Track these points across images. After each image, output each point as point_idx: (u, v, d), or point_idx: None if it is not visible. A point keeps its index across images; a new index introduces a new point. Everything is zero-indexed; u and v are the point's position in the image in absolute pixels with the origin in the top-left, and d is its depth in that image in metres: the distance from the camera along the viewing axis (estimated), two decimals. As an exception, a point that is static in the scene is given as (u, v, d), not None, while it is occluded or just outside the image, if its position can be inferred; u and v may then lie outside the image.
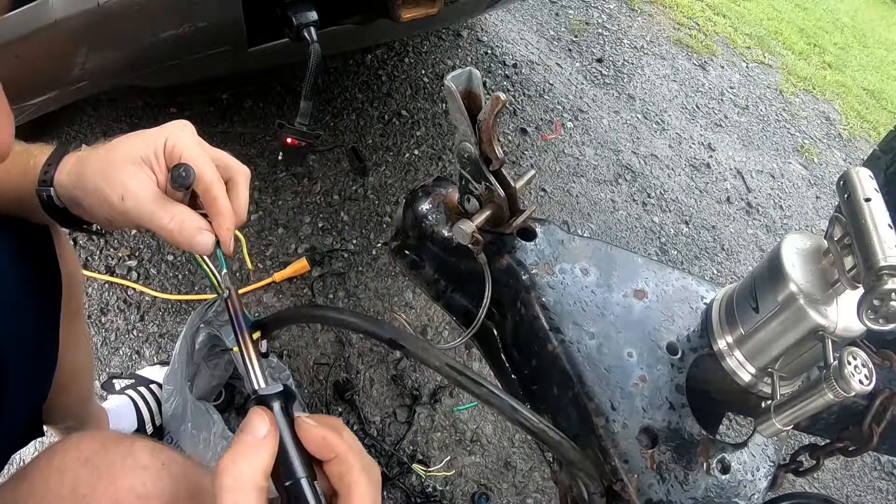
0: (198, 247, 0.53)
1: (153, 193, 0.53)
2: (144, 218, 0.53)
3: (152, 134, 0.55)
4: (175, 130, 0.56)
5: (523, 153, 2.15)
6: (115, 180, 0.53)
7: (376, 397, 1.44)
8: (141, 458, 0.56)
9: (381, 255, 1.68)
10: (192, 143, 0.56)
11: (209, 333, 1.19)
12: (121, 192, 0.52)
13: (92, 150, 0.57)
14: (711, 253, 2.16)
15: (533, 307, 0.79)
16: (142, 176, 0.53)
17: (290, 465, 0.44)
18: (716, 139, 2.65)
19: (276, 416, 0.46)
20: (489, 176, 0.75)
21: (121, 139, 0.56)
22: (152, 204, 0.52)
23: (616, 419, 0.73)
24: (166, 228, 0.53)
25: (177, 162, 0.54)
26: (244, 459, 0.42)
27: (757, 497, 0.76)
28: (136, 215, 0.53)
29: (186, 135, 0.56)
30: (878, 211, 0.65)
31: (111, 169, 0.53)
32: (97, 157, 0.55)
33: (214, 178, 0.55)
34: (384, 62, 2.18)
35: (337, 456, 0.45)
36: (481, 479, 1.40)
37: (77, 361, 0.90)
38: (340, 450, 0.45)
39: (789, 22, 4.09)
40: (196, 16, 1.00)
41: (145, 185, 0.53)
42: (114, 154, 0.54)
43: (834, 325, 0.68)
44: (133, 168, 0.53)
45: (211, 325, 1.18)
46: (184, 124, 0.57)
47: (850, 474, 1.75)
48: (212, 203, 0.55)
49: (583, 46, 2.74)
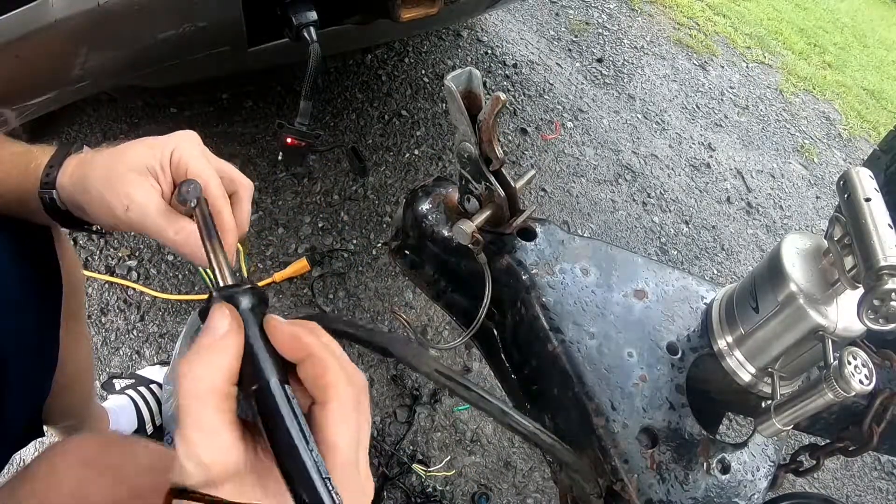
0: (202, 260, 0.54)
1: (158, 205, 0.53)
2: (149, 229, 0.53)
3: (159, 144, 0.55)
4: (182, 141, 0.56)
5: (523, 153, 2.15)
6: (121, 190, 0.53)
7: (376, 397, 1.44)
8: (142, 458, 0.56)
9: (381, 255, 1.68)
10: (199, 155, 0.56)
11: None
12: (126, 202, 0.52)
13: (95, 153, 0.57)
14: (711, 253, 2.16)
15: (533, 307, 0.79)
16: (147, 187, 0.53)
17: (257, 368, 0.38)
18: (716, 139, 2.65)
19: (242, 315, 0.40)
20: (489, 176, 0.75)
21: (126, 146, 0.56)
22: (157, 216, 0.53)
23: (616, 419, 0.73)
24: (171, 240, 0.53)
25: (182, 173, 0.54)
26: (202, 360, 0.37)
27: (757, 497, 0.76)
28: (140, 226, 0.53)
29: (193, 146, 0.56)
30: (878, 211, 0.65)
31: (116, 178, 0.53)
32: (101, 164, 0.55)
33: (220, 194, 0.55)
34: (384, 62, 2.18)
35: (310, 355, 0.39)
36: (481, 479, 1.40)
37: (77, 361, 0.90)
38: (314, 347, 0.39)
39: (789, 22, 4.09)
40: (196, 16, 1.00)
41: (150, 197, 0.53)
42: (119, 162, 0.54)
43: (834, 325, 0.68)
44: (138, 178, 0.53)
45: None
46: (190, 135, 0.57)
47: (850, 474, 1.75)
48: (216, 217, 0.55)
49: (583, 46, 2.74)
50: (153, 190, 0.53)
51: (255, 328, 0.40)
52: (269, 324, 0.40)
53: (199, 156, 0.56)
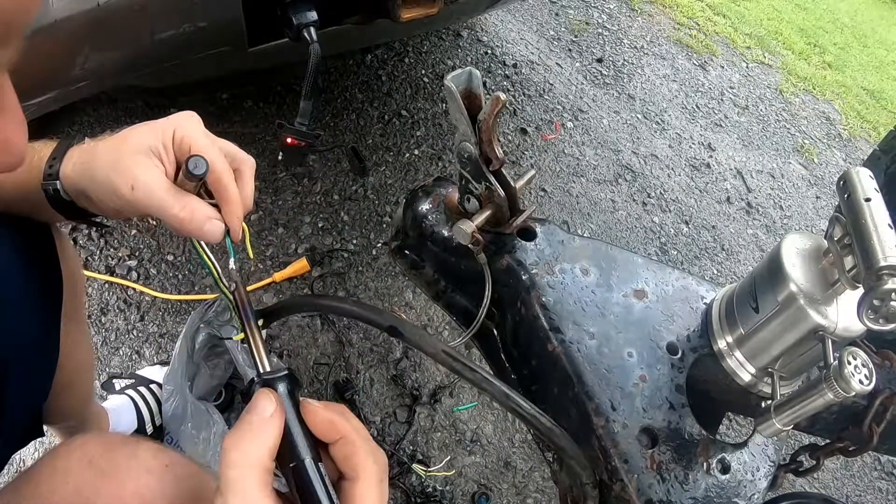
0: (208, 235, 0.54)
1: (163, 183, 0.53)
2: (154, 207, 0.53)
3: (161, 125, 0.56)
4: (183, 121, 0.56)
5: (523, 153, 2.15)
6: (126, 171, 0.53)
7: (376, 397, 1.44)
8: (145, 460, 0.56)
9: (381, 255, 1.68)
10: (201, 133, 0.56)
11: (209, 333, 1.19)
12: (131, 182, 0.53)
13: (99, 141, 0.58)
14: (711, 253, 2.16)
15: (533, 307, 0.79)
16: (151, 166, 0.54)
17: (294, 447, 0.43)
18: (716, 139, 2.65)
19: (282, 398, 0.45)
20: (489, 176, 0.75)
21: (129, 130, 0.56)
22: (163, 193, 0.53)
23: (616, 419, 0.73)
24: (177, 217, 0.53)
25: (186, 152, 0.55)
26: (250, 438, 0.42)
27: (757, 497, 0.76)
28: (146, 205, 0.53)
29: (194, 125, 0.57)
30: (878, 211, 0.65)
31: (121, 160, 0.54)
32: (107, 149, 0.56)
33: (224, 168, 0.56)
34: (384, 62, 2.18)
35: (343, 437, 0.44)
36: (481, 479, 1.40)
37: (78, 361, 0.90)
38: (346, 431, 0.44)
39: (789, 22, 4.09)
40: (196, 16, 1.00)
41: (155, 175, 0.53)
42: (124, 145, 0.55)
43: (834, 325, 0.68)
44: (143, 158, 0.54)
45: (211, 325, 1.18)
46: (191, 115, 0.58)
47: (850, 474, 1.75)
48: (222, 191, 0.55)
49: (583, 46, 2.74)
50: (157, 169, 0.54)
51: (293, 411, 0.45)
52: (307, 408, 0.46)
53: (202, 135, 0.56)
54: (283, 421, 0.44)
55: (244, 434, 0.42)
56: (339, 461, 0.45)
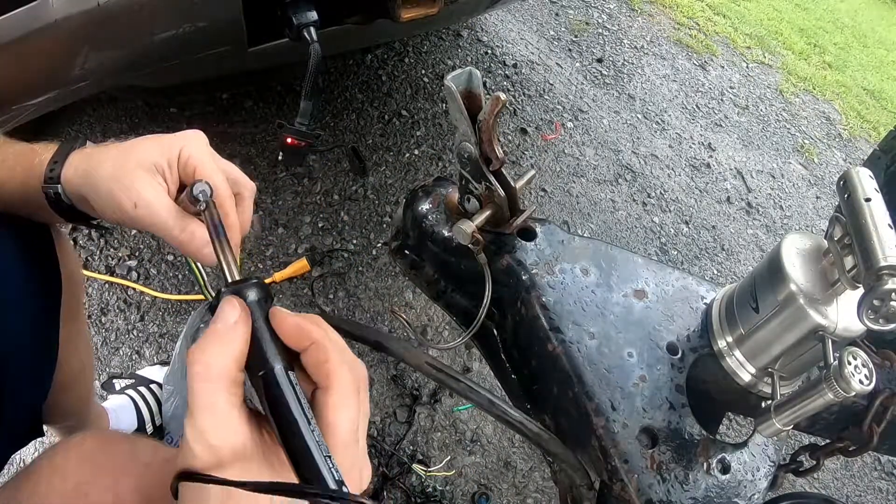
0: (206, 259, 0.54)
1: (165, 204, 0.54)
2: (156, 227, 0.53)
3: (167, 141, 0.56)
4: (191, 141, 0.56)
5: (523, 153, 2.15)
6: (129, 187, 0.53)
7: (376, 397, 1.44)
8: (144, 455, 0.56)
9: (381, 255, 1.68)
10: (207, 156, 0.56)
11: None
12: (135, 199, 0.53)
13: (102, 148, 0.57)
14: (711, 253, 2.16)
15: (533, 307, 0.79)
16: (155, 185, 0.54)
17: (263, 354, 0.41)
18: (716, 139, 2.65)
19: (250, 307, 0.42)
20: (489, 176, 0.75)
21: (135, 142, 0.56)
22: (165, 214, 0.53)
23: (616, 419, 0.73)
24: (177, 239, 0.54)
25: (190, 173, 0.55)
26: (213, 348, 0.39)
27: (757, 497, 0.76)
28: (147, 223, 0.53)
29: (202, 146, 0.56)
30: (878, 211, 0.65)
31: (125, 174, 0.54)
32: (110, 160, 0.55)
33: (227, 195, 0.56)
34: (384, 62, 2.18)
35: (314, 343, 0.42)
36: (481, 479, 1.40)
37: (77, 361, 0.90)
38: (317, 336, 0.42)
39: (789, 22, 4.09)
40: (196, 16, 1.00)
41: (158, 195, 0.53)
42: (128, 159, 0.54)
43: (834, 325, 0.68)
44: (146, 175, 0.54)
45: (211, 325, 1.18)
46: (198, 135, 0.58)
47: (850, 474, 1.75)
48: (223, 219, 0.55)
49: (583, 46, 2.74)
50: (160, 188, 0.54)
51: (261, 319, 0.42)
52: (275, 314, 0.43)
53: (208, 158, 0.56)
54: (248, 327, 0.41)
55: (208, 344, 0.39)
56: (310, 369, 0.42)
